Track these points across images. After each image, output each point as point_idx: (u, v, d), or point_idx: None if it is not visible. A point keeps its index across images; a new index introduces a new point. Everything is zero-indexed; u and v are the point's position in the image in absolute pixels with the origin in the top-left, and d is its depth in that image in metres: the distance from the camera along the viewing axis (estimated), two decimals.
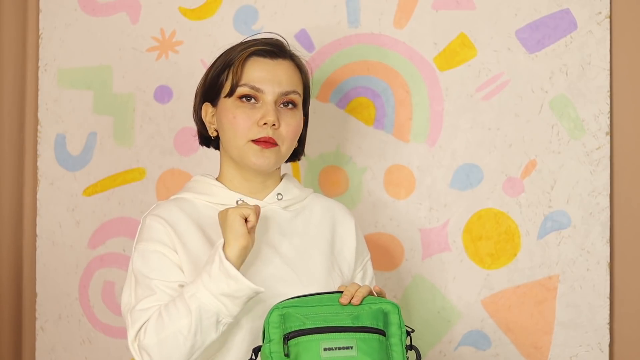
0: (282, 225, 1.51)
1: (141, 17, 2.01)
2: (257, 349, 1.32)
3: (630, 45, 1.79)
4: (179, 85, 1.99)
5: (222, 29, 1.96)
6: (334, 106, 1.91)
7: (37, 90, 2.08)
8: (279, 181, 1.55)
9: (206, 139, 1.59)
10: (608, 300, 1.79)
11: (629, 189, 1.80)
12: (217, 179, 1.54)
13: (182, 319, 1.31)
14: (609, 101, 1.79)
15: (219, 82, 1.51)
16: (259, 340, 1.36)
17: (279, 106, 1.47)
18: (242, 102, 1.47)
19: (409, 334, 1.33)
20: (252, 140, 1.45)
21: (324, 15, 1.92)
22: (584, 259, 1.80)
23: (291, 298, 1.32)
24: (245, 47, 1.50)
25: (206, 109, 1.54)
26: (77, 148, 2.05)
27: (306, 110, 1.57)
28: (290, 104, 1.49)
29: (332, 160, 1.92)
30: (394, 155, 1.89)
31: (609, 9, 1.79)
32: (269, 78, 1.47)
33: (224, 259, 1.32)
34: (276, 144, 1.46)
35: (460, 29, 1.86)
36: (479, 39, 1.85)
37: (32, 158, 2.09)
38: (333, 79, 1.91)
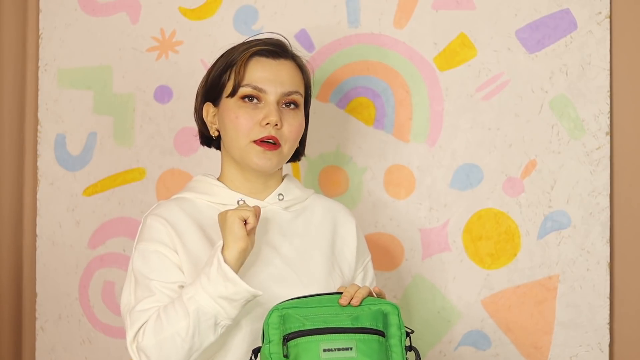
0: (282, 225, 1.50)
1: (141, 17, 2.01)
2: (256, 350, 1.32)
3: (630, 45, 1.79)
4: (179, 85, 1.98)
5: (222, 29, 1.96)
6: (334, 106, 1.91)
7: (37, 90, 2.08)
8: (281, 181, 1.54)
9: (207, 139, 1.59)
10: (608, 300, 1.79)
11: (629, 189, 1.80)
12: (218, 179, 1.53)
13: (180, 321, 1.31)
14: (609, 101, 1.79)
15: (220, 82, 1.50)
16: (258, 342, 1.36)
17: (281, 106, 1.47)
18: (244, 102, 1.47)
19: (408, 334, 1.33)
20: (254, 140, 1.45)
21: (324, 15, 1.91)
22: (584, 259, 1.80)
23: (291, 299, 1.32)
24: (247, 47, 1.50)
25: (207, 109, 1.54)
26: (77, 148, 2.05)
27: (307, 111, 1.57)
28: (292, 104, 1.49)
29: (332, 160, 1.92)
30: (394, 155, 1.89)
31: (609, 9, 1.79)
32: (271, 78, 1.46)
33: (222, 261, 1.31)
34: (279, 143, 1.46)
35: (460, 29, 1.86)
36: (479, 39, 1.85)
37: (32, 158, 2.09)
38: (333, 79, 1.91)
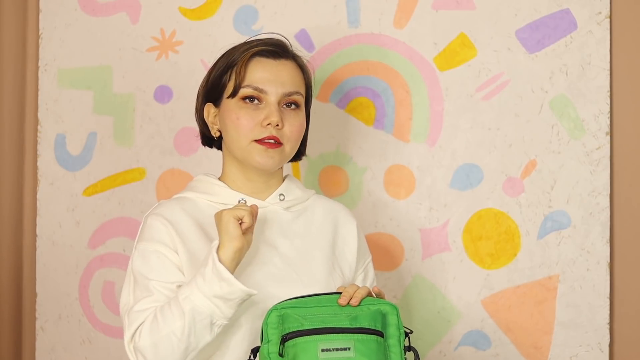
0: (283, 225, 1.50)
1: (141, 17, 2.01)
2: (255, 350, 1.32)
3: (630, 45, 1.79)
4: (179, 85, 1.99)
5: (222, 29, 1.96)
6: (334, 106, 1.91)
7: (37, 90, 2.08)
8: (282, 182, 1.54)
9: (209, 139, 1.59)
10: (608, 300, 1.79)
11: (629, 189, 1.80)
12: (219, 179, 1.53)
13: (176, 321, 1.31)
14: (609, 101, 1.79)
15: (221, 82, 1.50)
16: (258, 341, 1.36)
17: (282, 107, 1.47)
18: (245, 103, 1.46)
19: (407, 335, 1.33)
20: (255, 140, 1.45)
21: (324, 15, 1.91)
22: (584, 259, 1.80)
23: (290, 299, 1.32)
24: (247, 48, 1.49)
25: (208, 109, 1.53)
26: (77, 148, 2.05)
27: (308, 110, 1.57)
28: (293, 105, 1.48)
29: (332, 160, 1.92)
30: (394, 155, 1.89)
31: (609, 9, 1.79)
32: (272, 79, 1.46)
33: (217, 261, 1.31)
34: (280, 143, 1.45)
35: (460, 29, 1.86)
36: (479, 39, 1.85)
37: (32, 158, 2.09)
38: (333, 79, 1.91)
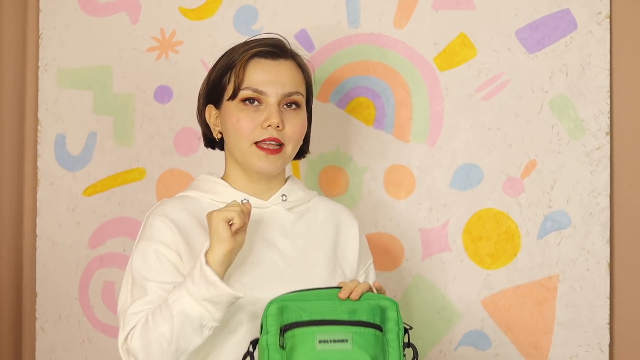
0: (285, 226, 1.50)
1: (141, 17, 2.01)
2: (255, 342, 1.32)
3: (630, 45, 1.79)
4: (179, 85, 1.98)
5: (222, 29, 1.96)
6: (334, 106, 1.91)
7: (37, 90, 2.08)
8: (284, 182, 1.54)
9: (211, 141, 1.59)
10: (608, 300, 1.79)
11: (629, 189, 1.80)
12: (222, 179, 1.53)
13: (165, 323, 1.31)
14: (609, 101, 1.79)
15: (221, 84, 1.50)
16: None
17: (282, 107, 1.47)
18: (245, 105, 1.46)
19: (406, 331, 1.33)
20: (256, 142, 1.45)
21: (324, 15, 1.91)
22: (584, 259, 1.80)
23: (290, 292, 1.32)
24: (246, 49, 1.49)
25: (210, 111, 1.53)
26: (77, 148, 2.05)
27: (310, 108, 1.57)
28: (293, 105, 1.48)
29: (332, 160, 1.92)
30: (394, 155, 1.89)
31: (609, 9, 1.79)
32: (271, 80, 1.46)
33: (204, 264, 1.30)
34: (282, 144, 1.45)
35: (460, 29, 1.86)
36: (479, 39, 1.85)
37: (32, 158, 2.09)
38: (333, 79, 1.91)
